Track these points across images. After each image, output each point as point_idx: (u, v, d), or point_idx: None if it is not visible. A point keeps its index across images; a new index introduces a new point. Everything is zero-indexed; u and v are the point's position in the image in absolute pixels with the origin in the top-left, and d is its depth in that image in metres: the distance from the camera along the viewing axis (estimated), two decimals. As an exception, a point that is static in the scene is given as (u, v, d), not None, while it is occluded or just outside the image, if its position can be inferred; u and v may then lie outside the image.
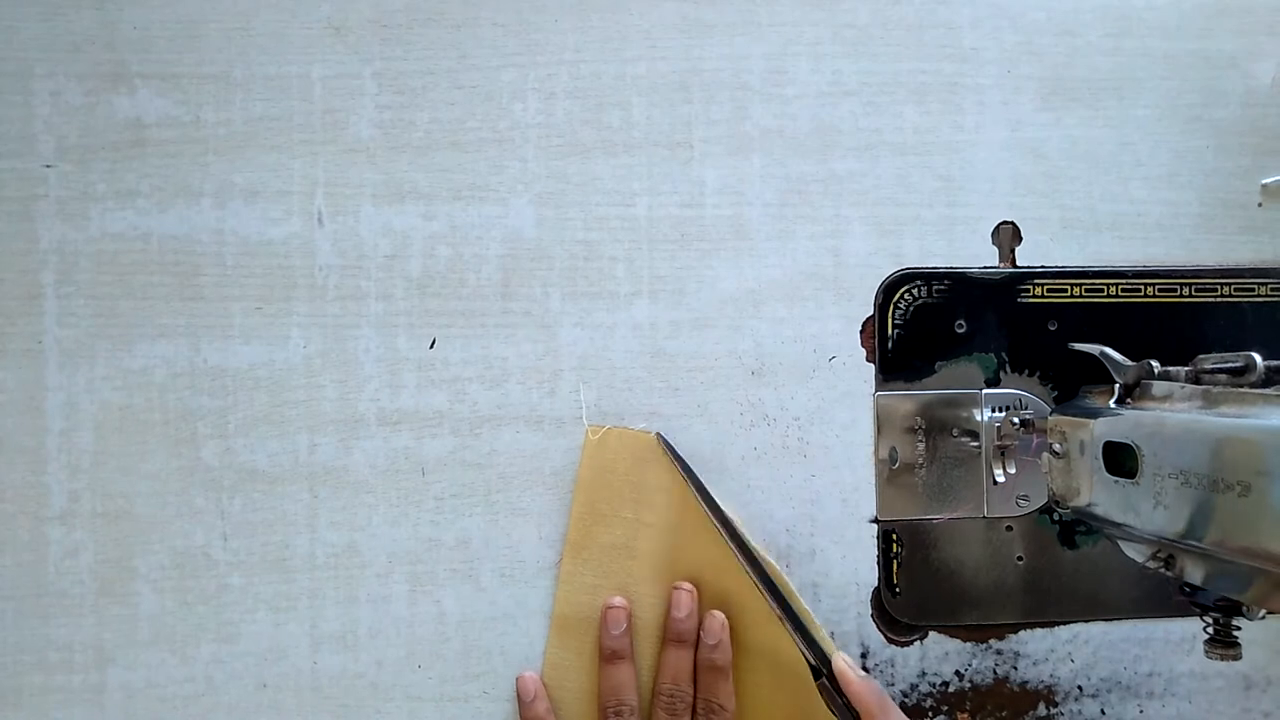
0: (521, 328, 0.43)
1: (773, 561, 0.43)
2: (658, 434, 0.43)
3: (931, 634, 0.44)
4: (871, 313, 0.44)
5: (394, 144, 0.43)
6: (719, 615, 0.41)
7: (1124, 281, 0.45)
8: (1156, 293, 0.45)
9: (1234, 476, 0.30)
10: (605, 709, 0.41)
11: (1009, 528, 0.44)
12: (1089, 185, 0.45)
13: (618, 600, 0.42)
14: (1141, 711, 0.45)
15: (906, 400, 0.44)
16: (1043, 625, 0.44)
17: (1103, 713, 0.45)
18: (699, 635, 0.41)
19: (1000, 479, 0.43)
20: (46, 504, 0.41)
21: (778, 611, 0.41)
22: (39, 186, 0.42)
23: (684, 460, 0.42)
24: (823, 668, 0.40)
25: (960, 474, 0.44)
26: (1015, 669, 0.44)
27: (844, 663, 0.39)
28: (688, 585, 0.42)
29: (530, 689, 0.41)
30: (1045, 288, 0.44)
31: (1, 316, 0.42)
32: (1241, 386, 0.33)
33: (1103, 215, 0.45)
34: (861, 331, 0.44)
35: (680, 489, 0.43)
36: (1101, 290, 0.44)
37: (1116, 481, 0.36)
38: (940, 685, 0.44)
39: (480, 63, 0.43)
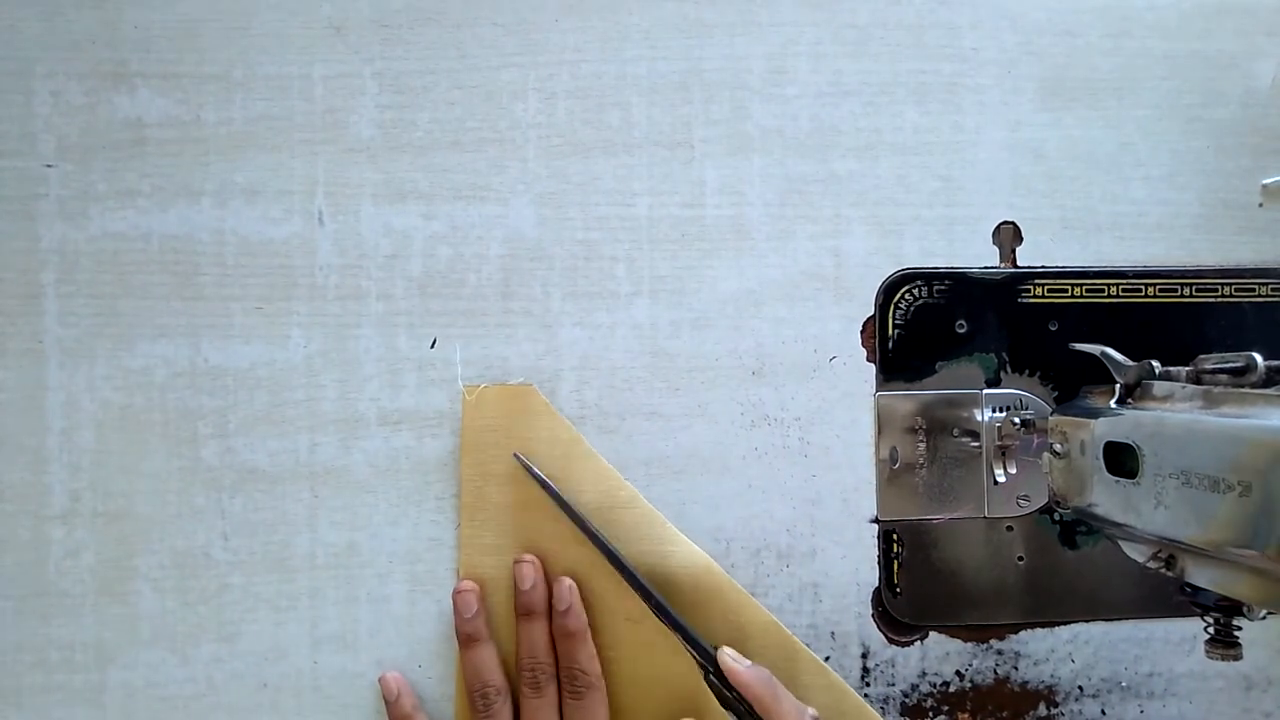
0: (522, 327, 0.43)
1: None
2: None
3: (932, 634, 0.44)
4: (872, 313, 0.44)
5: (394, 144, 0.43)
6: (566, 580, 0.41)
7: (1124, 282, 0.45)
8: (1157, 293, 0.45)
9: (1235, 477, 0.30)
10: (471, 693, 0.40)
11: (1009, 528, 0.44)
12: (1089, 185, 0.45)
13: (466, 585, 0.41)
14: (1142, 712, 0.45)
15: (907, 400, 0.44)
16: (1043, 625, 0.44)
17: (1103, 713, 0.45)
18: (551, 604, 0.41)
19: (1001, 479, 0.43)
20: (47, 503, 0.41)
21: (657, 615, 0.40)
22: (40, 186, 0.42)
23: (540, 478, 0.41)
24: (708, 664, 0.39)
25: (961, 474, 0.44)
26: (1016, 669, 0.44)
27: (729, 657, 0.39)
28: (529, 556, 0.41)
29: (393, 688, 0.41)
30: (1046, 288, 0.44)
31: (2, 316, 0.42)
32: (1242, 387, 0.33)
33: (1103, 215, 0.45)
34: (862, 331, 0.44)
35: (567, 434, 0.42)
36: (1102, 290, 0.44)
37: (1117, 481, 0.36)
38: (941, 685, 0.44)
39: (481, 63, 0.43)
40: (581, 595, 0.41)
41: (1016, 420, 0.42)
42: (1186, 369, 0.36)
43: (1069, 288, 0.44)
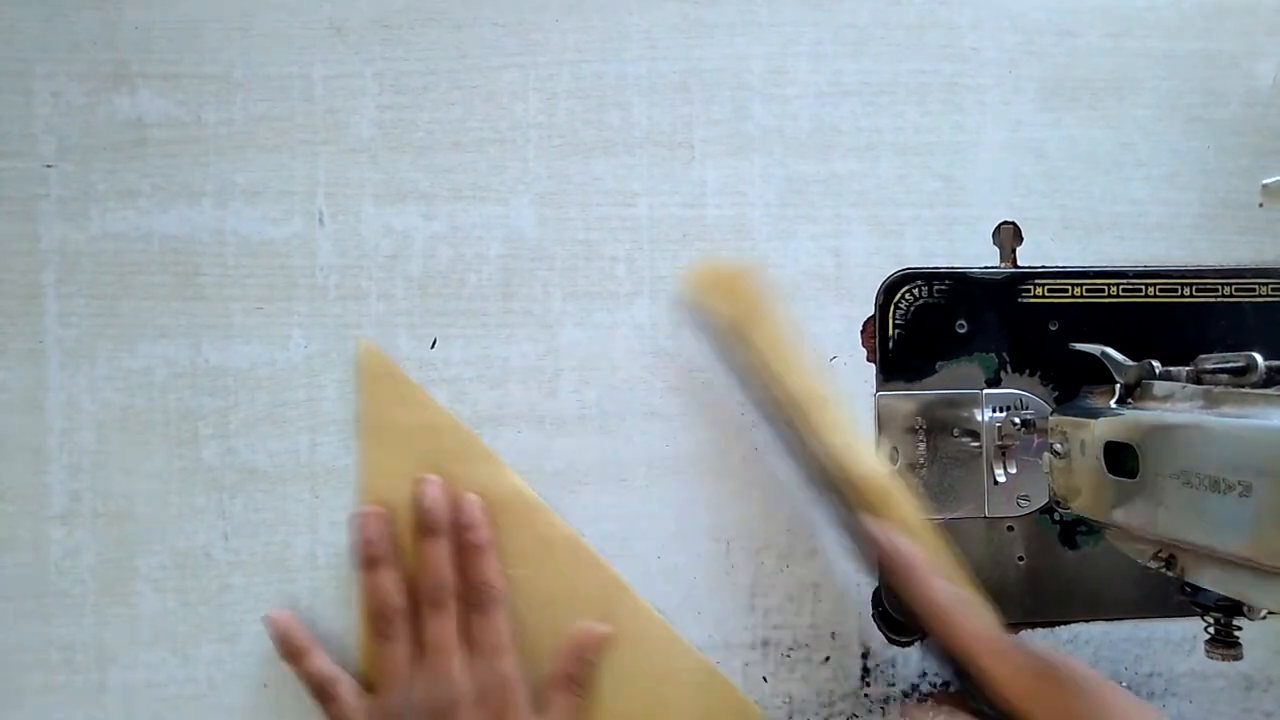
0: (522, 327, 0.43)
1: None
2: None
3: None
4: (872, 313, 0.44)
5: (395, 144, 0.43)
6: (471, 496, 0.41)
7: (1125, 281, 0.45)
8: (1157, 293, 0.45)
9: (1235, 477, 0.30)
10: (372, 615, 0.40)
11: (1010, 528, 0.44)
12: (1089, 185, 0.45)
13: (370, 509, 0.41)
14: (1142, 711, 0.45)
15: (907, 400, 0.44)
16: (1043, 625, 0.44)
17: (1103, 713, 0.45)
18: (454, 523, 0.41)
19: (1001, 479, 0.43)
20: (47, 504, 0.41)
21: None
22: (40, 186, 0.42)
23: None
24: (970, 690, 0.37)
25: (961, 474, 0.44)
26: (1016, 669, 0.44)
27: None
28: (432, 477, 0.41)
29: (280, 628, 0.41)
30: (1046, 288, 0.44)
31: (3, 316, 0.42)
32: (1243, 387, 0.33)
33: (1103, 215, 0.45)
34: (862, 332, 0.44)
35: (786, 320, 0.42)
36: (1102, 290, 0.44)
37: (1117, 481, 0.36)
38: (942, 685, 0.44)
39: (481, 63, 0.43)
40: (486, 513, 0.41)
41: (1017, 420, 0.42)
42: (1187, 369, 0.36)
43: (1069, 288, 0.44)
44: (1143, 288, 0.45)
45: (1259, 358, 0.33)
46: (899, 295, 0.44)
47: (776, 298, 0.43)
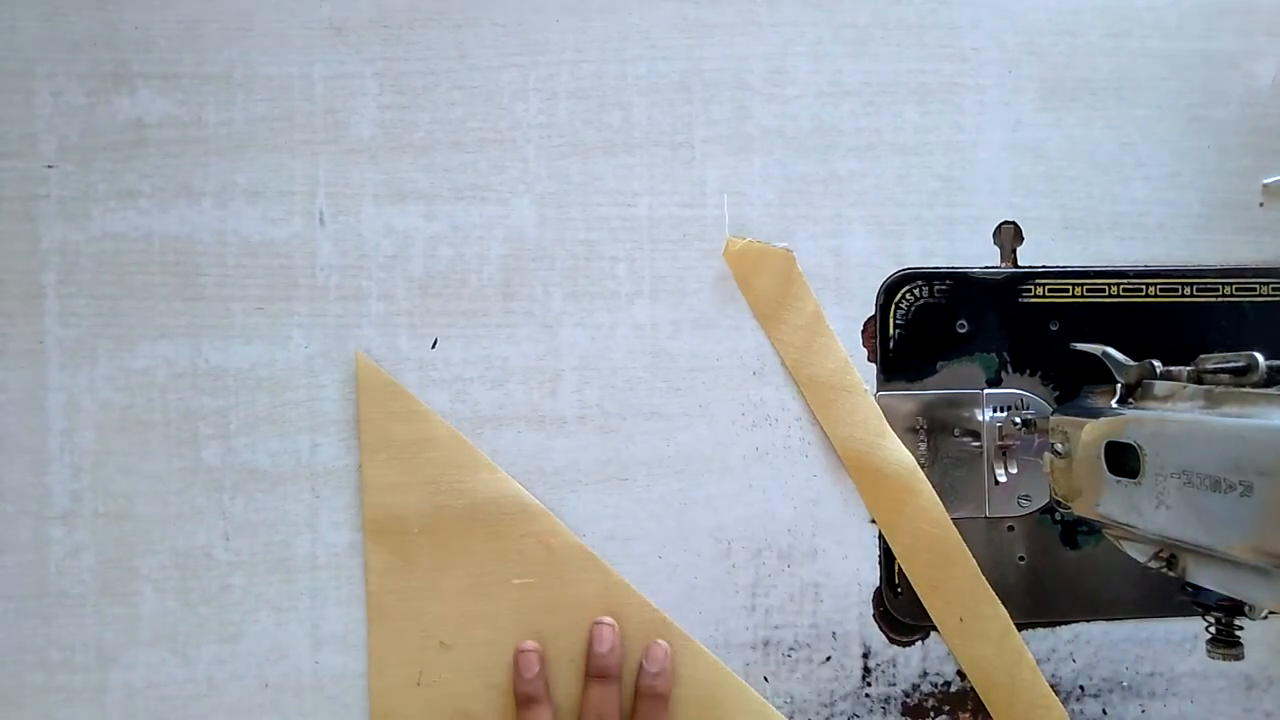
0: (523, 327, 0.43)
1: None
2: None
3: (933, 634, 0.44)
4: (873, 313, 0.44)
5: (395, 144, 0.43)
6: (664, 644, 0.41)
7: (1125, 281, 0.45)
8: (1158, 293, 0.45)
9: (1236, 476, 0.30)
10: None
11: (1011, 528, 0.44)
12: (1090, 185, 0.45)
13: (529, 644, 0.41)
14: (1143, 711, 0.45)
15: (908, 400, 0.44)
16: (1044, 625, 0.44)
17: (1104, 713, 0.45)
18: (636, 667, 0.41)
19: (1002, 479, 0.43)
20: (48, 504, 0.41)
21: None
22: (40, 186, 0.42)
23: None
24: None
25: (962, 474, 0.44)
26: (1017, 669, 0.44)
27: None
28: (609, 620, 0.41)
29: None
30: (1047, 288, 0.44)
31: (3, 316, 0.42)
32: (1243, 386, 0.33)
33: (1104, 215, 0.45)
34: (863, 332, 0.44)
35: (811, 307, 0.43)
36: (1103, 290, 0.44)
37: (1119, 481, 0.36)
38: (942, 685, 0.44)
39: (481, 63, 0.43)
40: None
41: (1017, 420, 0.42)
42: (1188, 369, 0.36)
43: (1070, 287, 0.44)
44: (1143, 288, 0.45)
45: (1260, 357, 0.33)
46: (899, 295, 0.44)
47: (806, 285, 0.43)
